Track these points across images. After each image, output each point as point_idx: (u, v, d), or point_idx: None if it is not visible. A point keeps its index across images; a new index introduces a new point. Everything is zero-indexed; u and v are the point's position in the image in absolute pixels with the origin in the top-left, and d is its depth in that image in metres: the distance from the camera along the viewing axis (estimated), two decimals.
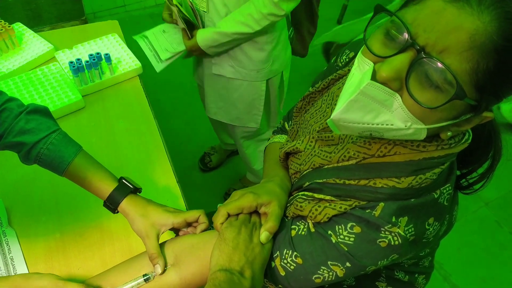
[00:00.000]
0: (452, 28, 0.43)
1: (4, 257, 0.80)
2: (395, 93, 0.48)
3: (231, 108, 1.48)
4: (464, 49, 0.43)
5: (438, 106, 0.46)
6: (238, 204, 0.67)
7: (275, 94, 1.47)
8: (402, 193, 0.57)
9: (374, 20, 0.51)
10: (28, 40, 1.23)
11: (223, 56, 1.32)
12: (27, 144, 0.70)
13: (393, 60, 0.47)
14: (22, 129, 0.70)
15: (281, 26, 1.25)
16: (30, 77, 1.12)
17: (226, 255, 0.61)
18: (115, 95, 1.13)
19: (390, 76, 0.47)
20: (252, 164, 1.75)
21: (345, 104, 0.50)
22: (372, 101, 0.49)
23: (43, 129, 0.71)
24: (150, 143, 1.02)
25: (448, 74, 0.44)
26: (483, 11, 0.42)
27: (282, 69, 1.38)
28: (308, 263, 0.62)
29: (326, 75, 0.77)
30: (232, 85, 1.39)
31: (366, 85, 0.48)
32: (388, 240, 0.56)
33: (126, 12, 2.89)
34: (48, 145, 0.70)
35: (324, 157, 0.66)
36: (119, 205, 0.71)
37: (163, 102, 2.32)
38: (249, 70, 1.32)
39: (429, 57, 0.45)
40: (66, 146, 0.72)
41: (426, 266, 0.81)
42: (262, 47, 1.26)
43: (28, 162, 0.73)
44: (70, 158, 0.71)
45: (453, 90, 0.45)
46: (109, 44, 1.24)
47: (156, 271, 0.66)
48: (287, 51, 1.36)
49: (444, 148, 0.56)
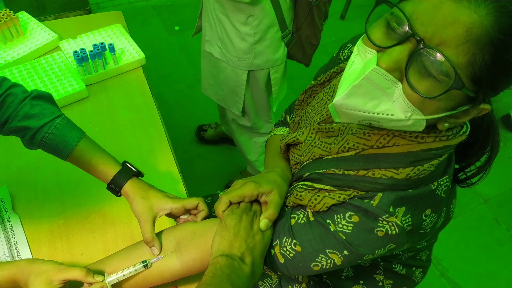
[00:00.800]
0: (449, 22, 0.44)
1: (8, 241, 0.82)
2: (397, 81, 0.49)
3: (218, 88, 1.53)
4: (461, 42, 0.44)
5: (437, 95, 0.47)
6: (239, 193, 0.68)
7: (262, 89, 1.47)
8: (400, 183, 0.58)
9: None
10: (32, 29, 1.24)
11: (214, 35, 1.36)
12: (32, 129, 0.71)
13: (393, 51, 0.48)
14: (27, 114, 0.71)
15: (267, 23, 1.26)
16: (35, 65, 1.13)
17: (227, 241, 0.63)
18: (118, 85, 1.14)
19: (390, 67, 0.48)
20: (246, 154, 1.78)
21: (349, 89, 0.50)
22: (375, 88, 0.50)
23: (48, 114, 0.72)
24: (152, 133, 1.03)
25: (446, 64, 0.45)
26: (480, 5, 0.43)
27: (269, 67, 1.39)
28: (307, 250, 0.63)
29: (328, 69, 0.78)
30: (220, 66, 1.43)
31: (372, 70, 0.48)
32: (386, 229, 0.57)
33: (129, 3, 2.88)
34: (53, 129, 0.72)
35: (324, 148, 0.68)
36: (122, 187, 0.73)
37: (166, 94, 2.33)
38: (232, 56, 1.35)
39: (428, 48, 0.46)
40: (70, 130, 0.73)
41: (423, 260, 0.82)
42: (243, 37, 1.28)
43: (33, 147, 0.74)
44: (74, 142, 0.73)
45: (451, 80, 0.46)
46: (113, 34, 1.24)
47: (154, 252, 0.68)
48: (278, 52, 1.36)
49: (442, 140, 0.57)
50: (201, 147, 2.14)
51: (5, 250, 0.80)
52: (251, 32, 1.27)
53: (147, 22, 2.78)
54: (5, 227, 0.84)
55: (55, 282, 0.63)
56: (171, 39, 2.66)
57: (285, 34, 1.33)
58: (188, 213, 0.76)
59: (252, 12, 1.22)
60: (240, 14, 1.23)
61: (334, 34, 2.83)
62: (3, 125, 0.72)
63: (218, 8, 1.27)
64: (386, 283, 0.82)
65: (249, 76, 1.41)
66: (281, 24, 1.29)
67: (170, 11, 2.88)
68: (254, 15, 1.23)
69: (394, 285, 0.83)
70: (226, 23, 1.28)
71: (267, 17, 1.24)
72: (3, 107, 0.71)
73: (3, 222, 0.84)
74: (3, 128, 0.72)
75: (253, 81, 1.44)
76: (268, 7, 1.22)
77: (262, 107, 1.58)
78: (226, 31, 1.30)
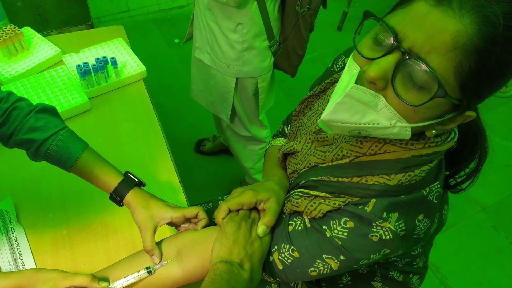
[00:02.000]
0: (437, 30, 0.46)
1: (13, 252, 0.83)
2: (378, 94, 0.52)
3: (208, 94, 1.57)
4: (449, 49, 0.46)
5: (422, 104, 0.49)
6: (238, 200, 0.70)
7: (250, 97, 1.51)
8: (393, 189, 0.60)
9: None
10: (36, 43, 1.27)
11: (204, 42, 1.40)
12: (37, 141, 0.73)
13: (380, 61, 0.50)
14: (32, 127, 0.73)
15: (255, 32, 1.30)
16: (39, 79, 1.16)
17: (227, 248, 0.65)
18: (120, 97, 1.17)
19: (378, 76, 0.50)
20: (243, 161, 1.81)
21: (333, 106, 0.54)
22: (358, 103, 0.53)
23: (52, 127, 0.75)
24: (153, 144, 1.06)
25: (430, 74, 0.48)
26: (464, 15, 0.46)
27: (256, 76, 1.42)
28: (304, 256, 0.65)
29: (323, 80, 0.81)
30: (209, 72, 1.47)
31: (351, 88, 0.52)
32: (380, 234, 0.59)
33: (130, 17, 2.93)
34: (57, 141, 0.74)
35: (320, 156, 0.70)
36: (124, 197, 0.75)
37: (166, 105, 2.36)
38: (221, 62, 1.39)
39: (413, 58, 0.48)
40: (73, 142, 0.76)
41: (420, 266, 0.83)
42: (232, 45, 1.32)
43: (37, 159, 0.77)
44: (78, 153, 0.75)
45: (435, 89, 0.48)
46: (114, 48, 1.28)
47: (154, 261, 0.69)
48: (265, 61, 1.40)
49: (431, 146, 0.59)
50: (200, 157, 2.16)
51: (10, 260, 0.82)
52: (240, 39, 1.31)
53: (147, 35, 2.83)
54: (9, 237, 0.85)
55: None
56: (171, 52, 2.70)
57: (272, 44, 1.37)
58: (189, 222, 0.78)
59: (241, 20, 1.26)
60: (229, 22, 1.27)
61: (331, 45, 2.88)
62: (9, 138, 0.74)
63: (209, 16, 1.31)
64: None
65: (237, 83, 1.45)
66: (268, 34, 1.33)
67: (169, 24, 2.93)
68: (243, 23, 1.27)
69: None
70: (216, 30, 1.32)
71: (255, 25, 1.29)
72: (9, 121, 0.73)
73: (8, 233, 0.86)
74: (9, 141, 0.75)
75: (241, 89, 1.48)
76: (256, 16, 1.27)
77: (253, 114, 1.61)
78: (216, 38, 1.34)
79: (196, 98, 1.67)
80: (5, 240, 0.85)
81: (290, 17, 1.33)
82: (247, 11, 1.24)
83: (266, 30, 1.32)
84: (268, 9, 1.27)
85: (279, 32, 1.38)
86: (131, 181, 0.77)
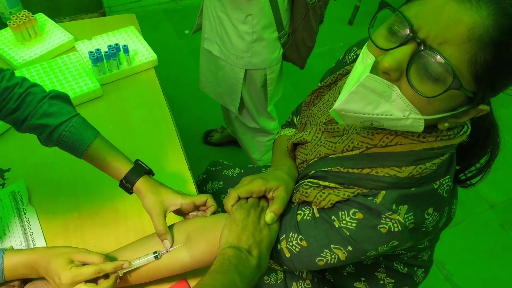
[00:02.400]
0: (453, 22, 0.46)
1: (24, 232, 0.85)
2: (393, 85, 0.52)
3: (217, 85, 1.57)
4: (463, 41, 0.46)
5: (436, 95, 0.49)
6: (248, 188, 0.71)
7: (258, 89, 1.51)
8: (403, 182, 0.60)
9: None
10: (49, 30, 1.28)
11: (213, 33, 1.40)
12: (50, 126, 0.74)
13: (395, 52, 0.50)
14: (46, 112, 0.74)
15: (264, 23, 1.29)
16: (51, 65, 1.17)
17: (235, 234, 0.65)
18: (131, 85, 1.17)
19: (392, 66, 0.50)
20: (250, 153, 1.82)
21: (346, 96, 0.54)
22: (372, 93, 0.52)
23: (65, 113, 0.76)
24: (164, 132, 1.06)
25: (445, 65, 0.47)
26: (481, 6, 0.45)
27: (265, 67, 1.42)
28: (312, 245, 0.65)
29: (334, 71, 0.81)
30: (218, 63, 1.47)
31: (365, 77, 0.51)
32: (389, 226, 0.59)
33: (140, 7, 2.94)
34: (70, 127, 0.75)
35: (330, 147, 0.70)
36: (134, 184, 0.76)
37: (174, 96, 2.37)
38: (230, 53, 1.39)
39: (429, 49, 0.48)
40: (86, 129, 0.77)
41: (425, 260, 0.84)
42: (242, 36, 1.32)
43: (50, 144, 0.78)
44: (90, 140, 0.76)
45: (450, 80, 0.48)
46: (126, 36, 1.28)
47: (166, 245, 0.70)
48: (274, 53, 1.40)
49: (444, 139, 0.59)
50: (208, 148, 2.17)
51: (22, 240, 0.84)
52: (250, 30, 1.30)
53: (157, 25, 2.83)
54: (21, 218, 0.87)
55: (76, 262, 0.67)
56: (181, 43, 2.70)
57: (281, 35, 1.36)
58: (197, 210, 0.79)
59: (251, 11, 1.26)
60: (239, 12, 1.27)
61: (342, 39, 2.86)
62: (22, 123, 0.75)
63: (219, 7, 1.31)
64: (388, 282, 0.84)
65: (246, 75, 1.45)
66: (278, 25, 1.33)
67: (180, 15, 2.93)
68: (252, 14, 1.27)
69: (396, 285, 0.84)
70: (226, 21, 1.32)
71: (265, 17, 1.28)
72: (23, 105, 0.74)
73: (20, 213, 0.88)
74: (22, 125, 0.76)
75: (249, 80, 1.48)
76: (266, 7, 1.26)
77: (261, 106, 1.61)
78: (225, 29, 1.34)
79: (205, 89, 1.67)
80: (17, 221, 0.86)
81: (300, 8, 1.32)
82: (257, 2, 1.24)
83: (275, 22, 1.32)
84: (278, 0, 1.27)
85: (288, 24, 1.37)
86: (142, 168, 0.78)
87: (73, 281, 0.64)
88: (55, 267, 0.65)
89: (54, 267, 0.65)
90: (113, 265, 0.67)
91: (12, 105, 0.73)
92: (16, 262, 0.67)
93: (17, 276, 0.69)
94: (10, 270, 0.67)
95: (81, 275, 0.65)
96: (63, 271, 0.64)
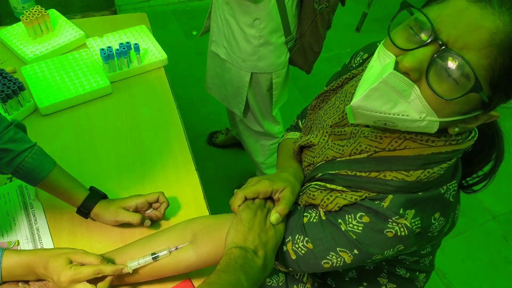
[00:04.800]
0: (474, 27, 0.47)
1: (30, 227, 0.86)
2: (414, 84, 0.52)
3: (223, 88, 1.58)
4: (484, 46, 0.47)
5: (456, 98, 0.49)
6: (254, 189, 0.71)
7: (264, 92, 1.51)
8: (411, 186, 0.60)
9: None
10: (61, 26, 1.29)
11: (220, 36, 1.41)
12: (13, 152, 0.74)
13: (416, 52, 0.50)
14: (12, 138, 0.75)
15: (272, 27, 1.30)
16: (62, 61, 1.18)
17: (242, 235, 0.66)
18: (141, 83, 1.18)
19: (413, 66, 0.50)
20: (254, 156, 1.82)
21: (366, 92, 0.53)
22: (392, 91, 0.52)
23: (27, 141, 0.78)
24: (171, 131, 1.07)
25: (467, 68, 0.48)
26: (504, 12, 0.46)
27: (271, 71, 1.43)
28: (318, 248, 0.65)
29: (341, 75, 0.81)
30: (225, 66, 1.48)
31: (388, 74, 0.51)
32: (395, 230, 0.59)
33: (150, 7, 2.96)
34: (33, 154, 0.77)
35: (337, 150, 0.70)
36: (92, 210, 0.83)
37: (180, 96, 2.38)
38: (237, 57, 1.40)
39: (450, 51, 0.48)
40: (46, 157, 0.80)
41: (426, 265, 0.83)
42: (249, 39, 1.33)
43: (6, 170, 0.76)
44: (50, 167, 0.79)
45: (471, 84, 0.48)
46: (137, 35, 1.29)
47: (146, 224, 0.83)
48: (281, 57, 1.40)
49: (452, 144, 0.59)
50: (212, 150, 2.18)
51: (27, 234, 0.84)
52: (257, 34, 1.31)
53: (166, 26, 2.85)
54: (28, 213, 0.88)
55: (75, 262, 0.68)
56: (189, 43, 2.72)
57: (288, 40, 1.37)
58: (151, 207, 0.87)
59: (259, 15, 1.27)
60: (247, 16, 1.28)
61: (349, 45, 2.87)
62: None
63: (227, 10, 1.32)
64: (390, 287, 0.84)
65: (252, 78, 1.45)
66: (285, 29, 1.34)
67: (188, 16, 2.95)
68: (260, 18, 1.27)
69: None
70: (233, 24, 1.33)
71: (273, 21, 1.29)
72: None
73: (27, 208, 0.88)
74: None
75: (255, 84, 1.48)
76: (274, 12, 1.27)
77: (266, 110, 1.62)
78: (233, 32, 1.34)
79: (211, 92, 1.68)
80: (24, 215, 0.87)
81: (308, 13, 1.33)
82: (265, 6, 1.25)
83: (283, 26, 1.32)
84: (286, 5, 1.27)
85: (296, 29, 1.38)
86: (97, 194, 0.84)
87: (72, 279, 0.65)
88: (54, 267, 0.66)
89: (54, 266, 0.66)
90: (113, 269, 0.68)
91: None
92: (14, 262, 0.68)
93: (14, 277, 0.70)
94: (8, 270, 0.68)
95: (81, 273, 0.66)
96: (62, 270, 0.66)
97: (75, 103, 1.09)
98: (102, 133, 1.03)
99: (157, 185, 0.94)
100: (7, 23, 1.35)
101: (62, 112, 1.08)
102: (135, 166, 0.97)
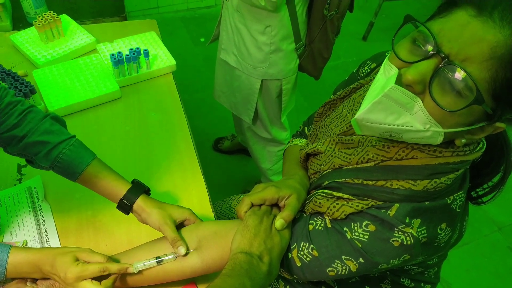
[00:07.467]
0: (475, 40, 0.48)
1: (38, 228, 0.87)
2: (416, 97, 0.53)
3: (231, 96, 1.59)
4: (485, 59, 0.47)
5: (458, 109, 0.50)
6: (261, 195, 0.72)
7: (273, 99, 1.52)
8: (417, 195, 0.60)
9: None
10: (72, 31, 1.31)
11: (230, 43, 1.42)
12: (50, 144, 0.73)
13: (419, 65, 0.51)
14: (48, 130, 0.74)
15: (283, 34, 1.32)
16: (73, 65, 1.19)
17: (247, 240, 0.66)
18: (149, 88, 1.20)
19: (416, 79, 0.51)
20: (260, 162, 1.82)
21: (370, 105, 0.55)
22: (395, 104, 0.53)
23: (65, 133, 0.77)
24: (178, 136, 1.08)
25: (469, 81, 0.48)
26: (505, 26, 0.47)
27: (281, 78, 1.44)
28: (323, 256, 0.66)
29: (348, 84, 0.82)
30: (234, 74, 1.49)
31: (390, 88, 0.52)
32: (401, 239, 0.60)
33: (158, 13, 2.99)
34: (70, 146, 0.75)
35: (344, 158, 0.71)
36: (135, 202, 0.76)
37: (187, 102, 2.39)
38: (247, 64, 1.41)
39: (453, 64, 0.49)
40: (85, 149, 0.77)
41: (432, 276, 0.83)
42: (260, 47, 1.34)
43: (44, 164, 0.75)
44: (89, 159, 0.76)
45: (473, 96, 0.49)
46: (147, 41, 1.31)
47: (180, 252, 0.70)
48: (290, 63, 1.42)
49: (460, 155, 0.60)
50: (218, 155, 2.19)
51: (35, 235, 0.85)
52: (268, 41, 1.33)
53: (174, 32, 2.88)
54: (36, 214, 0.89)
55: (81, 261, 0.68)
56: (196, 50, 2.74)
57: (298, 46, 1.38)
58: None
59: (270, 23, 1.28)
60: (258, 24, 1.29)
61: (355, 54, 2.88)
62: (20, 140, 0.73)
63: (237, 18, 1.33)
64: None
65: (262, 85, 1.46)
66: (296, 36, 1.35)
67: (197, 23, 2.98)
68: (272, 25, 1.29)
69: None
70: (244, 32, 1.34)
71: (284, 28, 1.30)
72: (23, 122, 0.73)
73: (35, 209, 0.89)
74: (19, 143, 0.74)
75: (265, 91, 1.49)
76: (286, 19, 1.28)
77: (275, 116, 1.63)
78: (244, 40, 1.36)
79: (219, 99, 1.69)
80: (32, 216, 0.88)
81: (317, 20, 1.34)
82: (277, 14, 1.26)
83: (294, 33, 1.34)
84: (298, 12, 1.29)
85: (305, 35, 1.39)
86: (140, 187, 0.78)
87: (79, 275, 0.66)
88: (61, 264, 0.67)
89: (60, 263, 0.67)
90: (118, 267, 0.69)
91: (12, 121, 0.72)
92: (21, 259, 0.68)
93: (20, 274, 0.70)
94: (14, 266, 0.68)
95: (87, 270, 0.66)
96: (69, 267, 0.66)
97: (85, 107, 1.11)
98: (110, 137, 1.05)
99: (163, 188, 0.95)
100: (20, 28, 1.37)
101: (71, 115, 1.09)
102: (143, 169, 0.99)
